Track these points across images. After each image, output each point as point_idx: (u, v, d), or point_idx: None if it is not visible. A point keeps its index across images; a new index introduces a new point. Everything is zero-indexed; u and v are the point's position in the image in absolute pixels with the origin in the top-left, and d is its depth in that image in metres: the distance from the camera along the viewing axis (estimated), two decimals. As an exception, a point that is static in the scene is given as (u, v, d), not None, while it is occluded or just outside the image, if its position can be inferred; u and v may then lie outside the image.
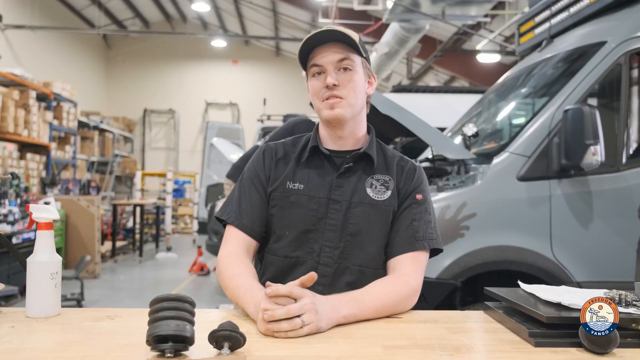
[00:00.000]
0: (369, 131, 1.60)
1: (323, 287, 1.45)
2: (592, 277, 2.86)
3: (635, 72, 3.46)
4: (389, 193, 1.51)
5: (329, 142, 1.56)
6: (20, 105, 9.03)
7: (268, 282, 1.18)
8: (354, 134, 1.55)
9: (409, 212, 1.50)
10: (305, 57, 1.49)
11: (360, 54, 1.48)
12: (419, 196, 1.53)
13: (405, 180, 1.54)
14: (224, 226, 1.56)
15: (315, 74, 1.48)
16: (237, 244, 1.50)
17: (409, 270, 1.44)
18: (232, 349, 0.99)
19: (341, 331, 1.19)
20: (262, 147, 1.63)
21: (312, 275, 1.21)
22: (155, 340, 0.96)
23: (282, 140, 1.66)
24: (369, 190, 1.50)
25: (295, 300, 1.16)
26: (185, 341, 0.97)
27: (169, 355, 0.96)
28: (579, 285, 2.82)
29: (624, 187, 2.90)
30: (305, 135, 1.63)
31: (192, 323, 0.99)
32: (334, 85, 1.44)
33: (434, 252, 1.52)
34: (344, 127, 1.51)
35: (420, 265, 1.47)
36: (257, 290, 1.28)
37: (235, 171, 4.22)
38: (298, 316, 1.13)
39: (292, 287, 1.18)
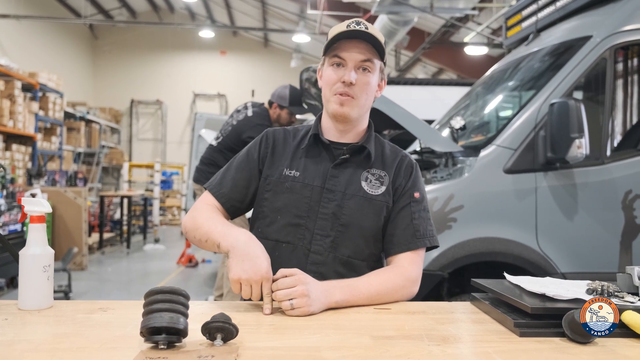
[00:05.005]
0: (369, 126, 1.63)
1: (314, 275, 1.47)
2: (576, 269, 2.91)
3: (620, 66, 3.51)
4: (383, 188, 1.54)
5: (329, 133, 1.60)
6: (6, 95, 8.91)
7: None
8: (356, 129, 1.59)
9: (408, 210, 1.54)
10: (329, 43, 1.50)
11: (381, 59, 1.51)
12: (416, 194, 1.56)
13: (403, 177, 1.57)
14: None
15: (335, 64, 1.50)
16: (210, 203, 1.59)
17: (406, 263, 1.49)
18: (225, 340, 1.01)
19: (331, 322, 1.21)
20: (265, 131, 1.66)
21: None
22: (149, 332, 0.97)
23: (285, 127, 1.69)
24: (363, 184, 1.53)
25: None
26: (178, 333, 0.98)
27: (162, 347, 0.98)
28: (564, 276, 2.87)
29: (608, 179, 2.94)
30: (306, 125, 1.67)
31: (185, 316, 1.00)
32: (351, 83, 1.47)
33: (430, 247, 1.56)
34: (347, 123, 1.55)
35: (419, 259, 1.52)
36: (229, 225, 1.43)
37: (200, 174, 4.18)
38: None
39: (289, 272, 1.30)
